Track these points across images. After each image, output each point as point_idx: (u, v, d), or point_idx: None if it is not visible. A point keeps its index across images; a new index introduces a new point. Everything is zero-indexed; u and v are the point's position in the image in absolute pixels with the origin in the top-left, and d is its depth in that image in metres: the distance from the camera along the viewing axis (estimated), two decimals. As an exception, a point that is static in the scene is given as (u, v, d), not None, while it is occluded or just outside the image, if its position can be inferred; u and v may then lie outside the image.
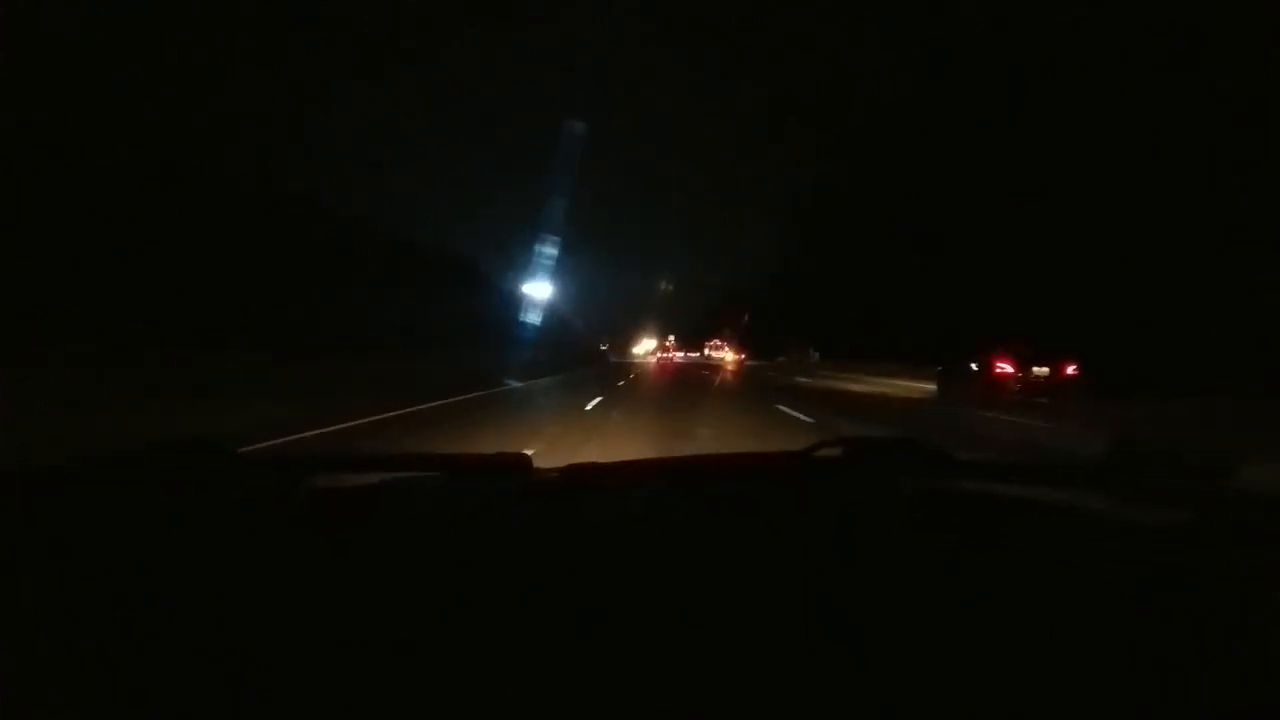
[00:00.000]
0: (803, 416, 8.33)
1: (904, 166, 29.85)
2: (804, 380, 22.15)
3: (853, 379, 23.54)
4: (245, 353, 9.78)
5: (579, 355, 40.48)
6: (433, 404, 9.50)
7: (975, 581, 0.73)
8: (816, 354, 44.06)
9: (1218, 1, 17.63)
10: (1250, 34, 16.27)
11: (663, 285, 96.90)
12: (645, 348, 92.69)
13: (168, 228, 10.12)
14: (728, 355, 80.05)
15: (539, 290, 27.51)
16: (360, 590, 0.70)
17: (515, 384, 15.20)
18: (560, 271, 30.80)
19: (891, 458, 1.11)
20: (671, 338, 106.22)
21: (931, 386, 16.37)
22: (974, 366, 12.89)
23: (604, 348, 44.54)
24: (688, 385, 17.22)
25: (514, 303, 25.71)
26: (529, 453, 1.08)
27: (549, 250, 27.41)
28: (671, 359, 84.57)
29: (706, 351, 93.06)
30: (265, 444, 5.28)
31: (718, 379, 21.80)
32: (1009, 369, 12.37)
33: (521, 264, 26.50)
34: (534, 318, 25.64)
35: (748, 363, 60.58)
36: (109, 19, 10.57)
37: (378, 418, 7.60)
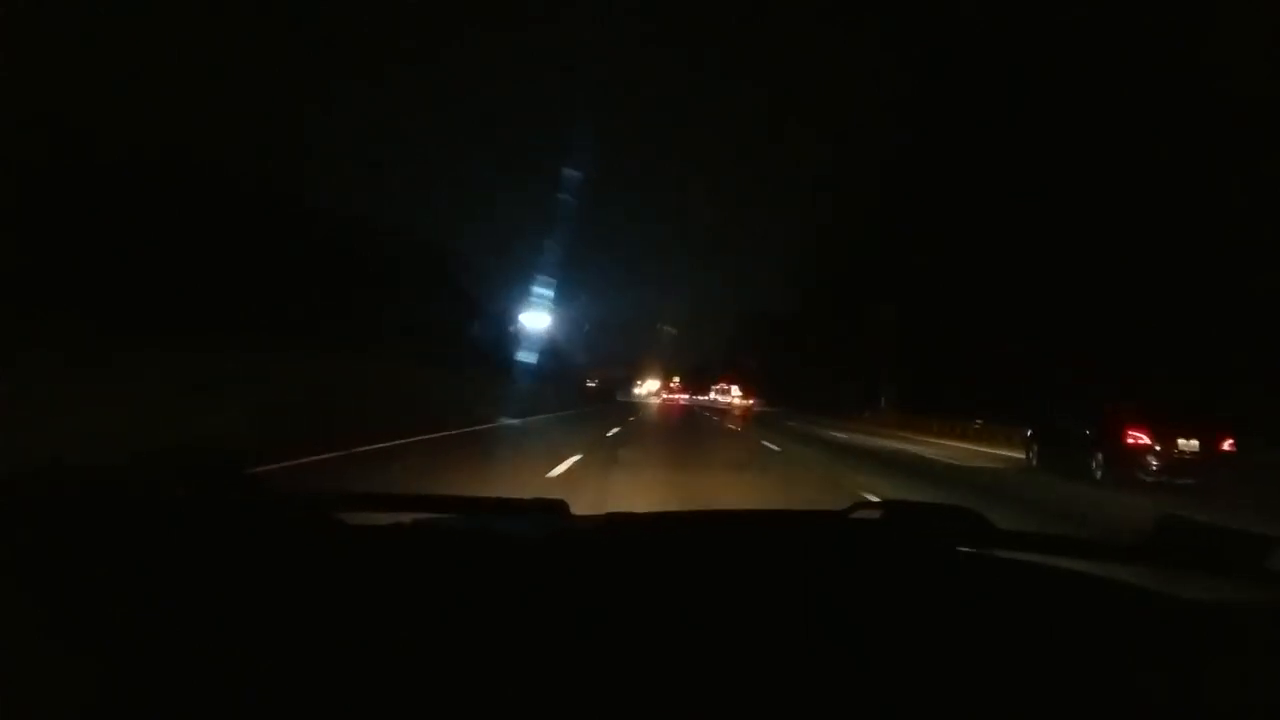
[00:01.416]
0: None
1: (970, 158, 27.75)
2: (839, 436, 18.56)
3: (906, 436, 20.05)
4: (244, 352, 9.48)
5: (579, 393, 38.58)
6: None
7: (1008, 651, 0.74)
8: (883, 401, 34.34)
9: (1217, 1, 17.83)
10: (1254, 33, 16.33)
11: (663, 328, 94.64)
12: (648, 388, 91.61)
13: (161, 227, 9.93)
14: (735, 399, 78.58)
15: (536, 321, 26.38)
16: (394, 630, 0.70)
17: (511, 421, 14.54)
18: (560, 302, 29.64)
19: (932, 524, 1.10)
20: (676, 379, 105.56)
21: (1007, 452, 13.90)
22: (1087, 431, 10.15)
23: (591, 384, 41.30)
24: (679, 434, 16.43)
25: (507, 332, 24.61)
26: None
27: (547, 279, 26.32)
28: (676, 400, 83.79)
29: (713, 395, 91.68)
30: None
31: (715, 425, 20.65)
32: (1144, 438, 9.23)
33: (519, 292, 25.41)
34: (530, 350, 24.39)
35: (758, 408, 55.84)
36: (109, 18, 10.55)
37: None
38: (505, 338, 23.47)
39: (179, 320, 9.30)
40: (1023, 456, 12.17)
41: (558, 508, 1.06)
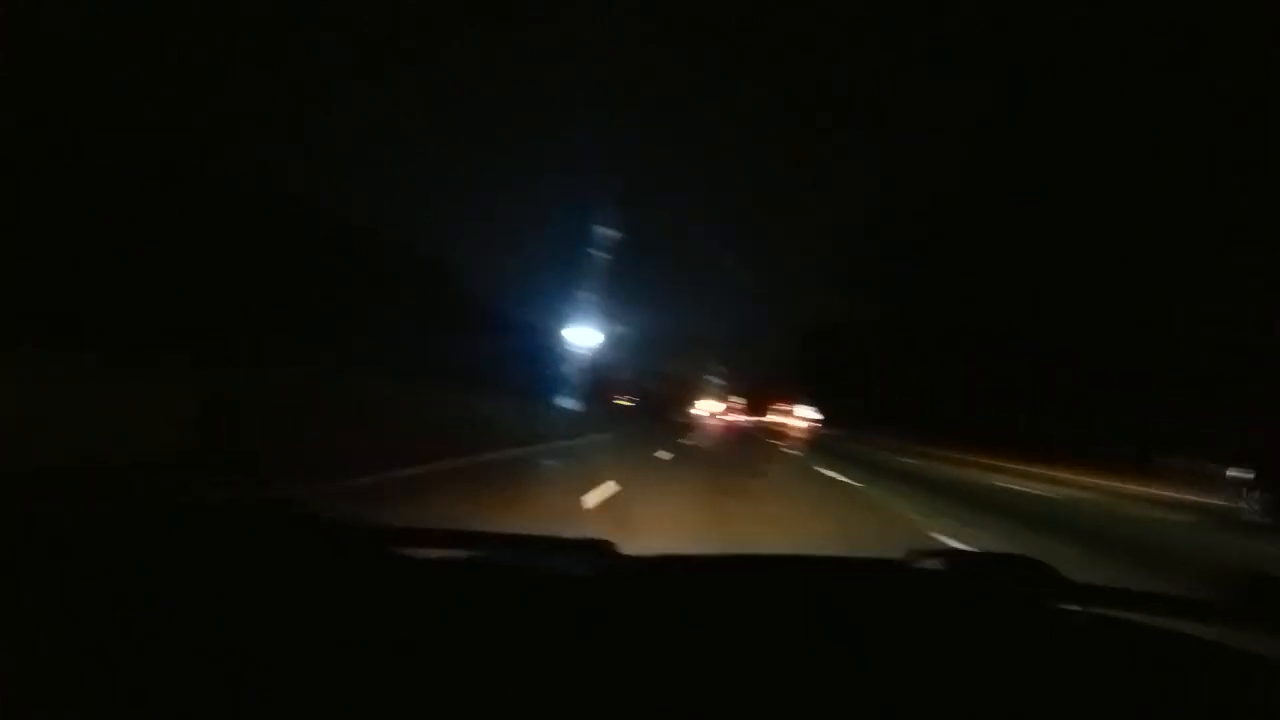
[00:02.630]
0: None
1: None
2: (947, 472, 14.83)
3: (1027, 472, 15.78)
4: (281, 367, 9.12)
5: (621, 411, 36.86)
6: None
7: (1073, 711, 0.73)
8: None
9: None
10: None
11: (713, 357, 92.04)
12: (706, 407, 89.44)
13: (185, 234, 9.80)
14: (797, 420, 74.92)
15: (583, 338, 24.51)
16: (444, 665, 0.72)
17: (562, 442, 12.01)
18: (609, 319, 27.88)
19: (995, 574, 1.06)
20: (735, 398, 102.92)
21: (1172, 494, 11.38)
22: None
23: (623, 401, 35.95)
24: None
25: (551, 345, 23.05)
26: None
27: (594, 295, 24.47)
28: (734, 422, 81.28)
29: (774, 415, 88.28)
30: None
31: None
32: None
33: (566, 309, 23.77)
34: (575, 363, 22.68)
35: (826, 430, 51.48)
36: (120, 18, 10.18)
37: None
38: (550, 356, 22.02)
39: (200, 330, 9.01)
40: (1213, 503, 9.63)
41: (603, 547, 1.05)
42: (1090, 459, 16.24)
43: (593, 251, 23.12)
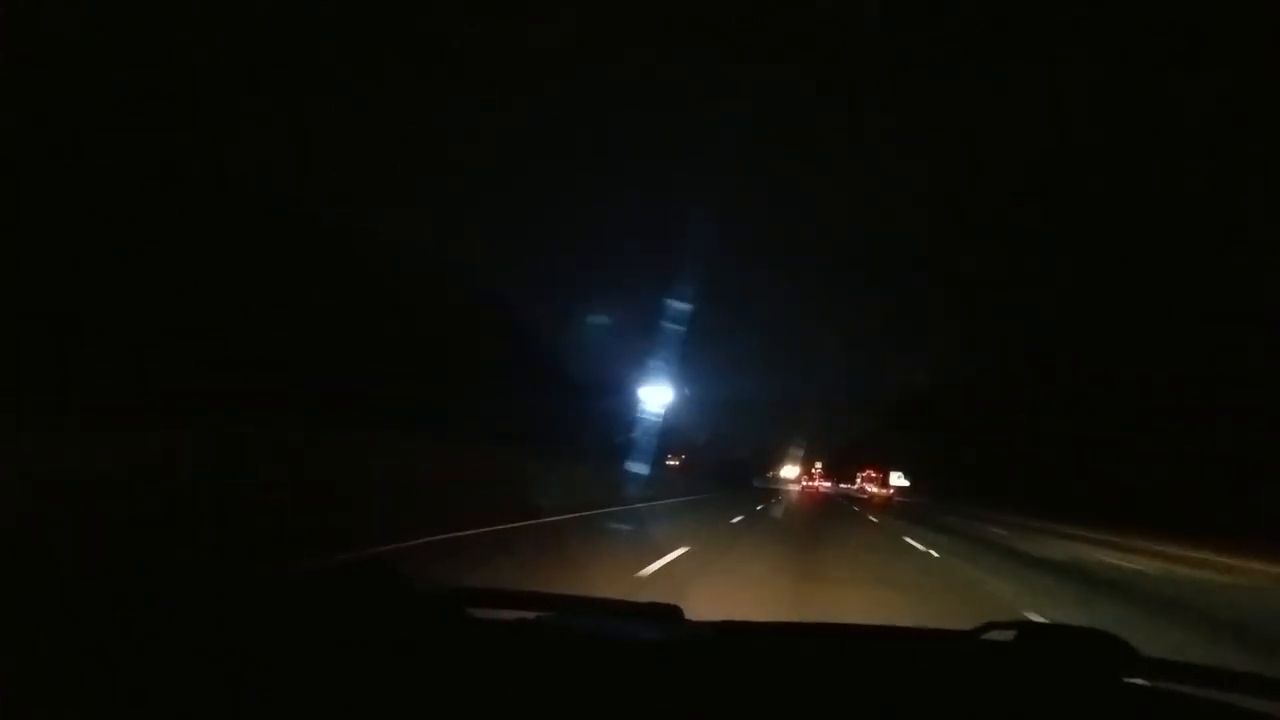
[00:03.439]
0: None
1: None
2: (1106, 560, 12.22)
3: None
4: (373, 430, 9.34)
5: (719, 476, 34.42)
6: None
7: None
8: None
9: None
10: None
11: (797, 425, 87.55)
12: (787, 473, 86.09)
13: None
14: (884, 487, 70.58)
15: (659, 399, 24.00)
16: None
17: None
18: (685, 382, 27.21)
19: (1069, 649, 1.02)
20: (818, 465, 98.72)
21: None
22: None
23: (673, 462, 33.07)
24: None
25: (625, 415, 22.66)
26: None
27: (670, 356, 24.07)
28: (818, 489, 77.68)
29: (860, 484, 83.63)
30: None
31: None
32: None
33: (641, 367, 23.41)
34: (650, 433, 22.13)
35: (914, 499, 48.84)
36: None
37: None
38: (622, 420, 21.97)
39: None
40: None
41: (672, 613, 1.05)
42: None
43: (672, 311, 23.03)
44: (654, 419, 22.06)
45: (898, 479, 69.29)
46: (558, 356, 20.03)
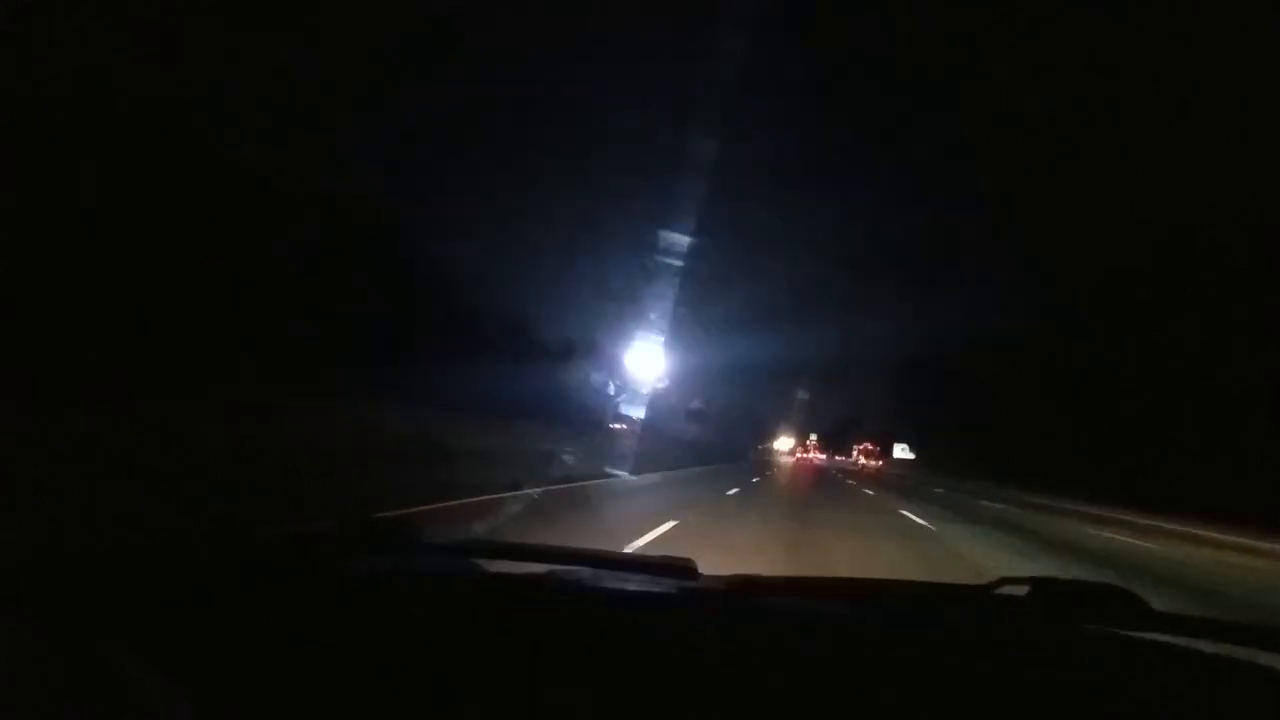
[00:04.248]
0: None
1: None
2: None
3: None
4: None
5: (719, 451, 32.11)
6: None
7: None
8: None
9: None
10: None
11: (799, 395, 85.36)
12: (784, 445, 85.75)
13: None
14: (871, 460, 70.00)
15: (647, 364, 22.66)
16: (530, 676, 0.74)
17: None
18: (680, 347, 25.50)
19: (1082, 603, 1.01)
20: (813, 437, 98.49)
21: None
22: None
23: (619, 426, 23.15)
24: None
25: (611, 375, 21.44)
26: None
27: (662, 321, 22.34)
28: (811, 460, 77.63)
29: (857, 456, 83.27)
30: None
31: None
32: None
33: (626, 325, 21.67)
34: (635, 399, 20.80)
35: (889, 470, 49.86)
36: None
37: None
38: (607, 387, 20.89)
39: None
40: None
41: (687, 566, 1.05)
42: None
43: (659, 260, 21.31)
44: (646, 386, 20.95)
45: (902, 451, 68.84)
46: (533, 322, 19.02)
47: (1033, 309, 39.97)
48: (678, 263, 21.15)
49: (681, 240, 21.25)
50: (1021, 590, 1.00)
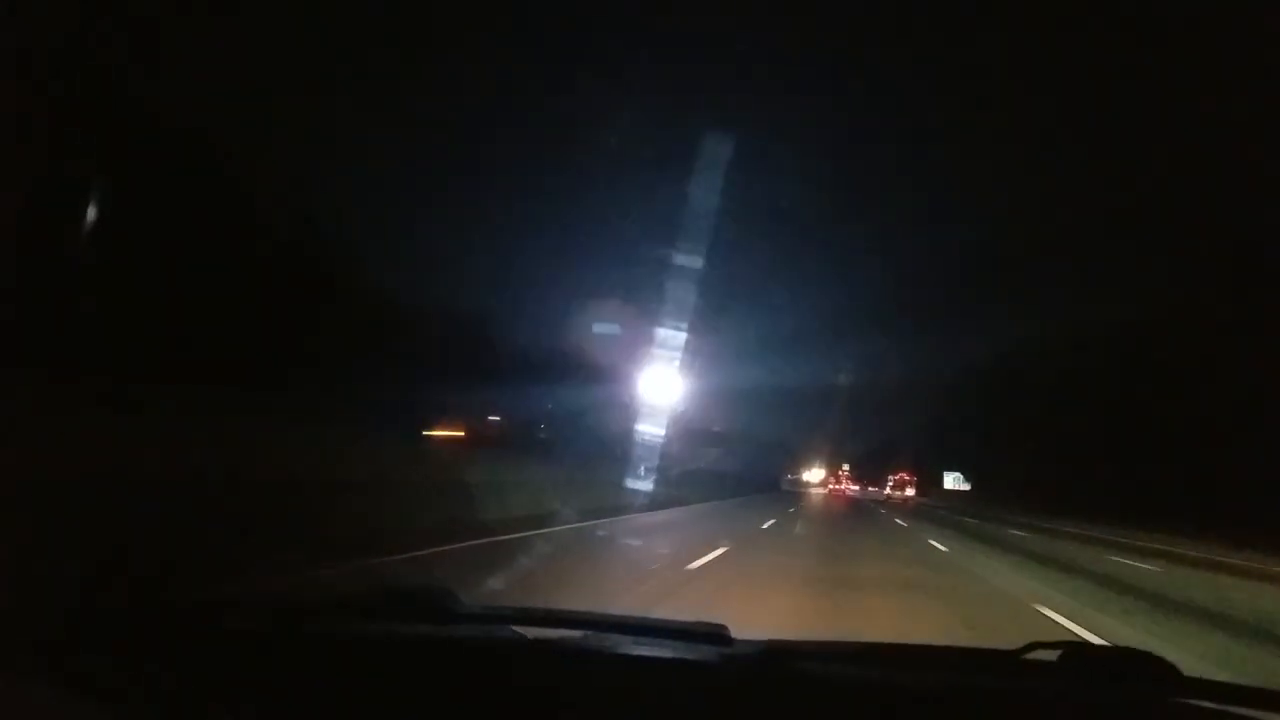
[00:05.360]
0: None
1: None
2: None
3: None
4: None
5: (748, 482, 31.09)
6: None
7: None
8: None
9: None
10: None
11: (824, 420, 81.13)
12: (814, 476, 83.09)
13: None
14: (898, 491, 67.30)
15: (665, 390, 20.84)
16: None
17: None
18: (703, 373, 24.04)
19: (1113, 669, 1.04)
20: (846, 467, 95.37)
21: None
22: None
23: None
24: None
25: (628, 403, 20.02)
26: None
27: (684, 349, 20.75)
28: (844, 491, 74.96)
29: (889, 490, 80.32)
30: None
31: None
32: None
33: (642, 352, 20.34)
34: (656, 428, 18.79)
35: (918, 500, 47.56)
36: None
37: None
38: (626, 417, 19.68)
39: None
40: None
41: (719, 633, 1.07)
42: None
43: (685, 285, 20.22)
44: (665, 414, 19.72)
45: (955, 481, 65.91)
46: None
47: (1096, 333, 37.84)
48: (702, 288, 20.03)
49: (710, 267, 20.15)
50: (1053, 655, 1.01)
